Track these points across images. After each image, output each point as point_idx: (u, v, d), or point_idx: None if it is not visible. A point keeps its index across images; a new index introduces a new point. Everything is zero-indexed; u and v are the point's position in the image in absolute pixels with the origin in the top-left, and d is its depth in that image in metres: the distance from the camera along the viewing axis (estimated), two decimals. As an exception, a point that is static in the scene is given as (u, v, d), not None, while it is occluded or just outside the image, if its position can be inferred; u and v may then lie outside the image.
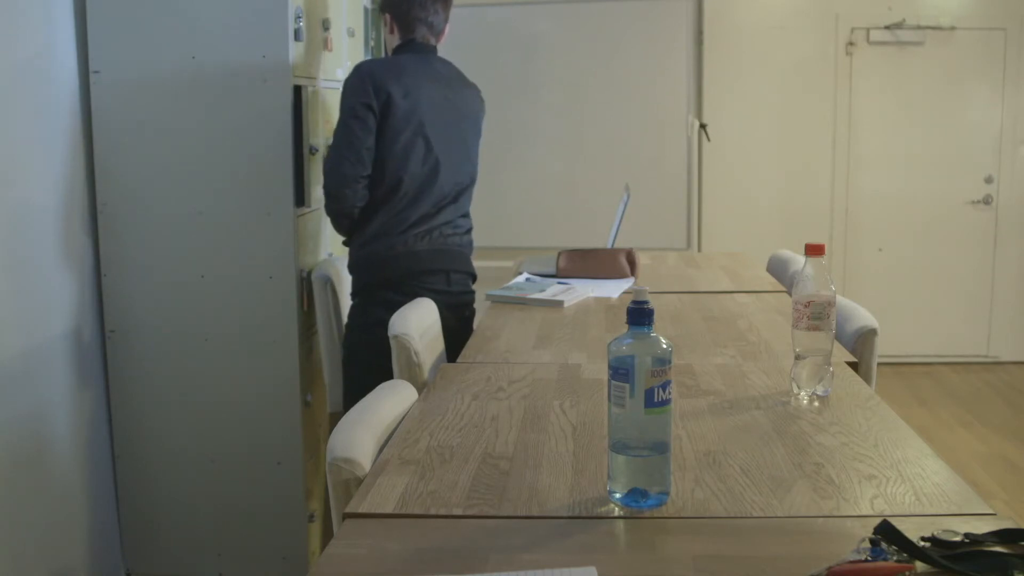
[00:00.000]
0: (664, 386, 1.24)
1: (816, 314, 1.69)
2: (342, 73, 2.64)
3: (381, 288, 2.58)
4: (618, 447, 1.27)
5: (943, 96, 5.41)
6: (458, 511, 1.28)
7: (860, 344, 2.10)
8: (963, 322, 5.59)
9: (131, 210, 2.69)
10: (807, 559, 1.10)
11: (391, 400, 1.71)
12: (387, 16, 2.67)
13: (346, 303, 2.78)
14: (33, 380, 2.46)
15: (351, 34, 3.29)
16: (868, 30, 5.38)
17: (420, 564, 1.14)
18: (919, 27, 5.34)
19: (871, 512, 1.25)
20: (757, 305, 2.65)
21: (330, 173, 2.54)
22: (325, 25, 2.95)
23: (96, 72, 2.63)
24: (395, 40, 2.69)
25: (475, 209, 2.80)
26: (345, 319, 2.76)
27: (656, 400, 1.24)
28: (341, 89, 2.55)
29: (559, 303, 2.65)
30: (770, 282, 3.03)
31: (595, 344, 2.23)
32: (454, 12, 2.72)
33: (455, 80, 2.73)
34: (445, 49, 2.77)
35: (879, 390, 1.89)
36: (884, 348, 2.17)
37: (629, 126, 5.25)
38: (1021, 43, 5.35)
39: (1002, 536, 1.12)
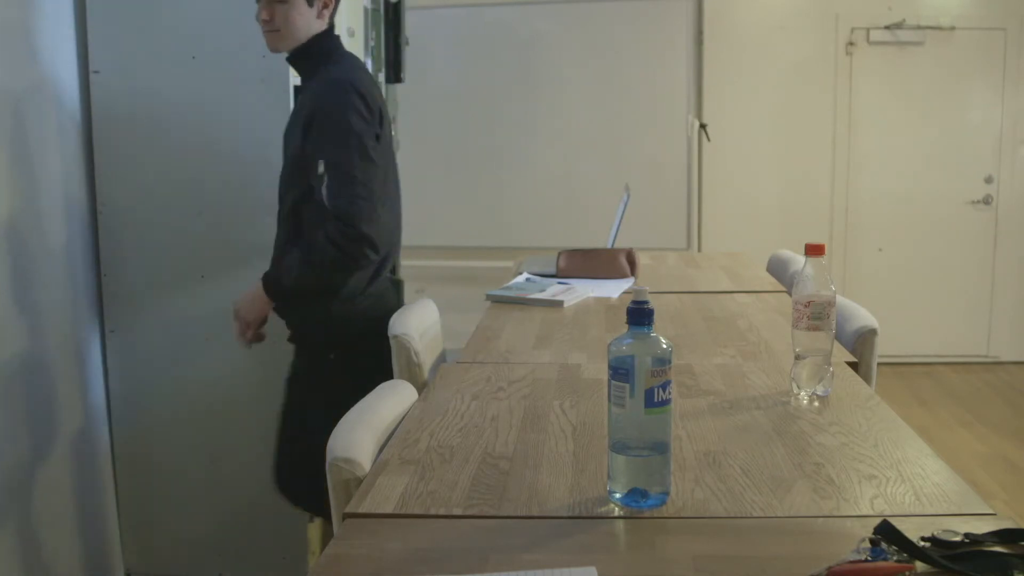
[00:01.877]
0: (664, 386, 1.24)
1: (816, 314, 1.69)
2: (342, 73, 2.64)
3: (361, 340, 2.30)
4: (618, 447, 1.27)
5: (943, 96, 5.41)
6: (458, 511, 1.28)
7: (860, 344, 2.10)
8: (963, 322, 5.59)
9: (131, 210, 2.69)
10: (807, 559, 1.10)
11: (391, 400, 1.71)
12: None
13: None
14: (33, 380, 2.46)
15: (351, 34, 3.29)
16: (868, 30, 5.38)
17: (420, 564, 1.14)
18: (919, 27, 5.34)
19: (871, 512, 1.24)
20: (757, 305, 2.65)
21: (370, 222, 2.12)
22: (325, 25, 2.94)
23: (96, 72, 2.63)
24: (320, 24, 2.23)
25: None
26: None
27: (656, 400, 1.23)
28: (333, 104, 2.16)
29: (559, 303, 2.65)
30: (770, 282, 3.03)
31: (595, 344, 2.23)
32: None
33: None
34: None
35: (879, 390, 1.89)
36: (884, 348, 2.17)
37: (629, 126, 5.25)
38: (1021, 43, 5.35)
39: (1002, 536, 1.12)
